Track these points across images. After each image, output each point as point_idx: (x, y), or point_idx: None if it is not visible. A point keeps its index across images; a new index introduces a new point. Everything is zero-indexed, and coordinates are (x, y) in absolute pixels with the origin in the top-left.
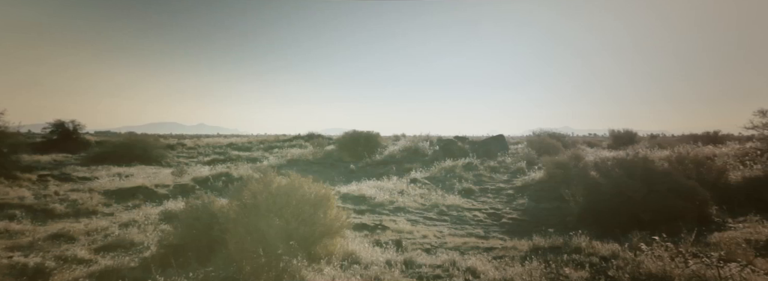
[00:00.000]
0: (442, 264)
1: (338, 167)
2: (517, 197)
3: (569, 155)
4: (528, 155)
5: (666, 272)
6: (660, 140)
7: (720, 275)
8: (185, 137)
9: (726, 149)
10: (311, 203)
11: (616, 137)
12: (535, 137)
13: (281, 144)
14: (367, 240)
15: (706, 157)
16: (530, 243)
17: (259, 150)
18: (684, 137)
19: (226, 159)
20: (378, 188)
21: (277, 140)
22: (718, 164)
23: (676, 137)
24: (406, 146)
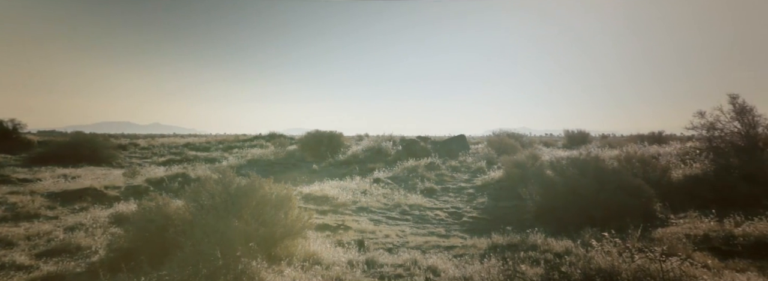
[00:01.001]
0: (404, 264)
1: (300, 167)
2: (478, 196)
3: (527, 154)
4: (488, 154)
5: (614, 267)
6: (610, 140)
7: (662, 269)
8: (138, 137)
9: (669, 149)
10: (272, 204)
11: (570, 137)
12: (495, 137)
13: (241, 144)
14: (329, 241)
15: (651, 156)
16: (489, 241)
17: (218, 150)
18: (632, 137)
19: (183, 160)
20: (341, 188)
21: (237, 140)
22: (661, 163)
23: (625, 137)
24: (369, 146)
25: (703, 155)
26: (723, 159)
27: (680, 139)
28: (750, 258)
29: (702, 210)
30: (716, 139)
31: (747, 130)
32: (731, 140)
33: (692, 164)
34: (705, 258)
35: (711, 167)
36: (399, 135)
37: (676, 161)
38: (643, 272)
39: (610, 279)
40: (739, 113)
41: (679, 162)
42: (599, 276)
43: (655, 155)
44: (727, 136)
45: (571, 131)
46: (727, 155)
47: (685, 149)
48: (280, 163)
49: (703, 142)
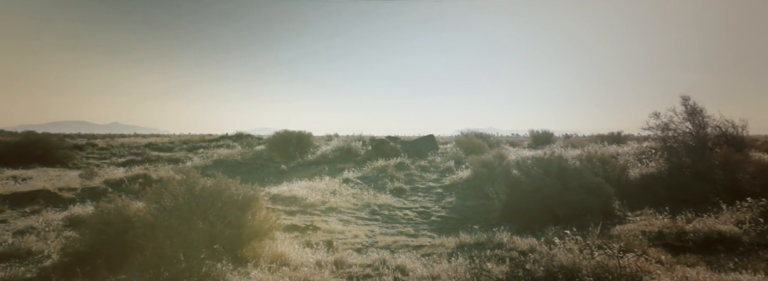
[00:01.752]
0: (373, 264)
1: (269, 167)
2: (446, 196)
3: (494, 154)
4: (456, 154)
5: (575, 264)
6: (573, 140)
7: (619, 265)
8: (96, 137)
9: (627, 149)
10: (239, 205)
11: (535, 137)
12: (463, 137)
13: (207, 144)
14: (297, 242)
15: (610, 156)
16: (457, 239)
17: (182, 151)
18: (593, 137)
19: (145, 160)
20: (310, 188)
21: (203, 140)
22: (620, 163)
23: (587, 137)
24: (338, 146)
25: (658, 154)
26: (676, 158)
27: (637, 139)
28: (700, 253)
29: (657, 208)
30: (670, 139)
31: (697, 130)
32: (683, 140)
33: (648, 163)
34: (659, 253)
35: (665, 166)
36: (369, 135)
37: (633, 160)
38: (602, 268)
39: (571, 276)
40: (690, 114)
41: (637, 162)
42: (561, 273)
43: (614, 154)
44: (679, 136)
45: (536, 132)
46: (679, 155)
47: (642, 148)
48: (247, 163)
49: (658, 142)
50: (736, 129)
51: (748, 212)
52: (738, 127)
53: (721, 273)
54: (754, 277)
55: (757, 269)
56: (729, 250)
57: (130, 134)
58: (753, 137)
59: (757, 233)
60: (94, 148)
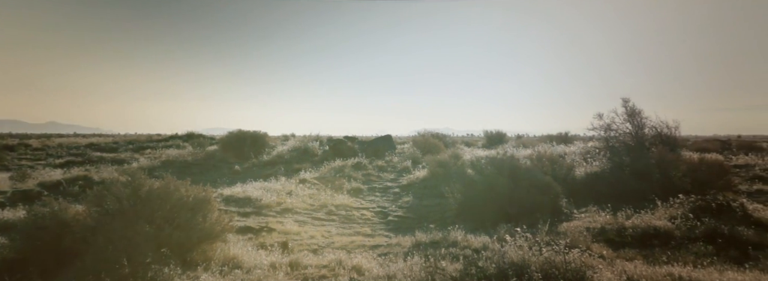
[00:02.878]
0: (329, 264)
1: (222, 168)
2: (403, 195)
3: (450, 154)
4: (413, 154)
5: (525, 260)
6: (524, 140)
7: (565, 260)
8: (30, 137)
9: (574, 148)
10: (189, 207)
11: (489, 137)
12: (420, 137)
13: (155, 145)
14: (251, 244)
15: (558, 155)
16: (413, 239)
17: (128, 151)
18: (543, 137)
19: (86, 161)
20: (265, 189)
21: (150, 140)
22: (567, 162)
23: (537, 137)
24: (295, 146)
25: (602, 154)
26: (617, 158)
27: (583, 139)
28: (637, 248)
29: (600, 205)
30: (612, 139)
31: (636, 131)
32: (624, 140)
33: (593, 162)
34: (601, 249)
35: (607, 165)
36: (326, 135)
37: (579, 159)
38: (549, 264)
39: (521, 272)
40: (630, 115)
41: (582, 161)
42: (511, 270)
43: (562, 154)
44: (620, 136)
45: (490, 132)
46: (620, 154)
47: (587, 148)
48: (199, 164)
49: (601, 142)
50: (670, 130)
51: (679, 208)
52: (672, 128)
53: (655, 266)
54: (684, 269)
55: (687, 261)
56: (663, 244)
57: (69, 133)
58: (684, 137)
59: (687, 227)
60: (28, 148)
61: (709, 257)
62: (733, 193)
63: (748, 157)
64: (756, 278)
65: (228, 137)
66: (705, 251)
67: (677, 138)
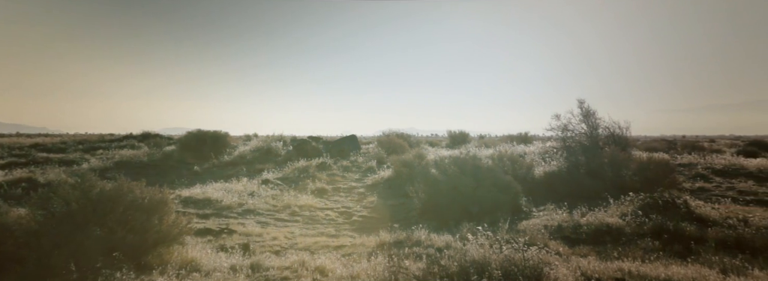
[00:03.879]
0: (291, 266)
1: (180, 169)
2: (368, 195)
3: (414, 154)
4: (378, 154)
5: (486, 258)
6: (487, 140)
7: (524, 257)
8: None
9: (533, 148)
10: (144, 209)
11: (453, 137)
12: (385, 138)
13: (107, 145)
14: (210, 246)
15: (519, 155)
16: (377, 239)
17: (78, 152)
18: (504, 137)
19: (30, 162)
20: (226, 190)
21: (102, 140)
22: (527, 161)
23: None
24: (257, 147)
25: (559, 153)
26: (573, 157)
27: (542, 139)
28: (592, 244)
29: (558, 203)
30: (569, 139)
31: (591, 131)
32: (579, 140)
33: (551, 161)
34: (558, 245)
35: (565, 165)
36: (290, 135)
37: (538, 159)
38: (509, 261)
39: (482, 270)
40: (585, 116)
41: (541, 160)
42: (473, 268)
43: (522, 154)
44: (576, 136)
45: (454, 132)
46: (576, 154)
47: (545, 148)
48: (155, 165)
49: (559, 142)
50: (621, 130)
51: (630, 205)
52: (623, 128)
53: (607, 261)
54: (633, 264)
55: (636, 256)
56: (615, 240)
57: (11, 133)
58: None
59: (637, 224)
60: None
61: (656, 252)
62: (677, 191)
63: (691, 156)
64: (697, 271)
65: (187, 137)
66: (652, 246)
67: (628, 138)
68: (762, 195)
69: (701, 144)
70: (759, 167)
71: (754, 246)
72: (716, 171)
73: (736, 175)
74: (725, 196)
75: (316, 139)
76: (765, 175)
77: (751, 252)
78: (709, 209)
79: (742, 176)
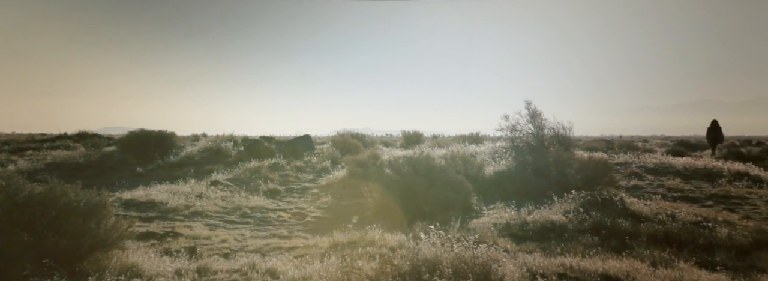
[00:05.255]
0: (241, 268)
1: (121, 170)
2: (322, 196)
3: (369, 154)
4: (332, 154)
5: (437, 256)
6: (440, 140)
7: (474, 255)
8: None
9: (484, 148)
10: (79, 213)
11: (407, 137)
12: (339, 138)
13: (38, 145)
14: (154, 250)
15: (470, 155)
16: (331, 239)
17: (2, 153)
18: (456, 137)
19: None
20: (171, 192)
21: (32, 140)
22: (478, 161)
23: (452, 137)
24: (206, 147)
25: (508, 153)
26: (521, 157)
27: (492, 139)
28: (537, 241)
29: (506, 201)
30: (517, 139)
31: (537, 131)
32: (527, 140)
33: (500, 161)
34: (506, 243)
35: (513, 164)
36: (241, 135)
37: (488, 158)
38: (459, 259)
39: (433, 268)
40: (532, 116)
41: (491, 160)
42: (425, 266)
43: (473, 153)
44: (524, 137)
45: (408, 132)
46: (523, 153)
47: (495, 148)
48: (93, 166)
49: (508, 142)
50: (565, 130)
51: (572, 203)
52: (567, 129)
53: (551, 257)
54: (574, 259)
55: (577, 252)
56: (558, 237)
57: None
58: (577, 137)
59: (579, 221)
60: None
61: (595, 247)
62: (615, 188)
63: (626, 155)
64: (630, 265)
65: (128, 137)
66: (592, 242)
67: (571, 138)
68: (687, 192)
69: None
70: (685, 166)
71: (680, 240)
72: (649, 170)
73: (666, 173)
74: (656, 193)
75: (269, 139)
76: (690, 173)
77: (678, 246)
78: (642, 205)
79: (670, 174)
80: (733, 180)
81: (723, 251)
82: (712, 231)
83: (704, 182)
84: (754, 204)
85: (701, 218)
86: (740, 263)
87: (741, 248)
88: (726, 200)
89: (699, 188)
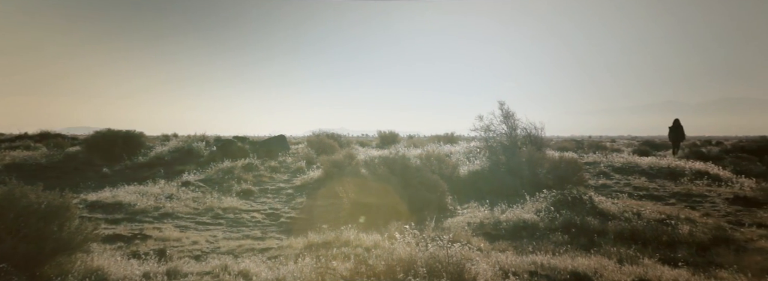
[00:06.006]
0: (212, 270)
1: (86, 171)
2: (297, 196)
3: (344, 154)
4: (308, 154)
5: (412, 256)
6: (415, 140)
7: (448, 254)
8: None
9: (458, 148)
10: (40, 215)
11: (383, 137)
12: (315, 138)
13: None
14: (121, 253)
15: (445, 155)
16: (305, 240)
17: None
18: (431, 137)
19: None
20: (140, 193)
21: None
22: (452, 161)
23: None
24: (177, 147)
25: (482, 153)
26: (495, 156)
27: (467, 139)
28: (510, 239)
29: (480, 201)
30: (491, 139)
31: (510, 132)
32: (500, 140)
33: (474, 161)
34: (480, 242)
35: (487, 164)
36: (214, 135)
37: (463, 158)
38: (433, 259)
39: (408, 267)
40: (505, 117)
41: (466, 159)
42: (399, 266)
43: (448, 153)
44: (497, 136)
45: (384, 132)
46: (497, 153)
47: (470, 148)
48: (56, 167)
49: (482, 142)
50: (537, 131)
51: (543, 202)
52: (539, 129)
53: (523, 256)
54: (545, 257)
55: (547, 250)
56: (530, 235)
57: None
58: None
59: (550, 219)
60: None
61: (565, 245)
62: (584, 187)
63: (595, 155)
64: (598, 262)
65: (94, 137)
66: (562, 240)
67: (543, 138)
68: (652, 190)
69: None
70: (650, 165)
71: (645, 237)
72: (616, 169)
73: (632, 172)
74: (623, 191)
75: (242, 139)
76: (655, 172)
77: (643, 243)
78: (609, 204)
79: (636, 173)
80: (694, 179)
81: (685, 247)
82: (675, 229)
83: (668, 181)
84: (714, 202)
85: (665, 216)
86: (700, 259)
87: (701, 244)
88: (688, 199)
89: (663, 187)
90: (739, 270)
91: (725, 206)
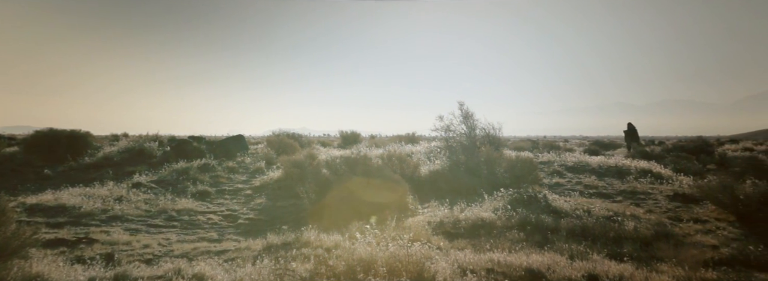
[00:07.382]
0: (165, 274)
1: (25, 173)
2: (256, 197)
3: (305, 154)
4: (267, 154)
5: (373, 256)
6: (377, 140)
7: (408, 253)
8: None
9: (419, 148)
10: None
11: (344, 137)
12: (275, 137)
13: None
14: (64, 258)
15: (406, 155)
16: (264, 241)
17: None
18: (393, 137)
19: None
20: (86, 195)
21: None
22: (413, 161)
23: (389, 137)
24: (128, 147)
25: (442, 153)
26: (455, 156)
27: (428, 139)
28: (469, 238)
29: (440, 200)
30: (451, 139)
31: (470, 132)
32: (460, 140)
33: (435, 160)
34: (439, 240)
35: (447, 164)
36: (167, 135)
37: (424, 158)
38: (394, 258)
39: (368, 267)
40: (465, 117)
41: (427, 159)
42: (360, 266)
43: (409, 153)
44: (457, 137)
45: (345, 132)
46: (457, 153)
47: (431, 148)
48: None
49: (442, 142)
50: (495, 131)
51: (501, 200)
52: (496, 129)
53: (481, 253)
54: (501, 254)
55: (504, 248)
56: (488, 233)
57: None
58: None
59: (507, 217)
60: None
61: (521, 242)
62: (539, 186)
63: (549, 155)
64: (551, 258)
65: (34, 136)
66: (518, 237)
67: (501, 138)
68: (601, 188)
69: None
70: (599, 164)
71: (595, 234)
72: (569, 168)
73: (583, 171)
74: (575, 190)
75: (198, 139)
76: (603, 170)
77: (592, 239)
78: (562, 202)
79: (587, 172)
80: (639, 177)
81: (630, 243)
82: (622, 225)
83: (615, 180)
84: (656, 199)
85: (612, 212)
86: (644, 253)
87: (644, 239)
88: (633, 196)
89: (611, 185)
90: (677, 264)
91: (666, 203)
